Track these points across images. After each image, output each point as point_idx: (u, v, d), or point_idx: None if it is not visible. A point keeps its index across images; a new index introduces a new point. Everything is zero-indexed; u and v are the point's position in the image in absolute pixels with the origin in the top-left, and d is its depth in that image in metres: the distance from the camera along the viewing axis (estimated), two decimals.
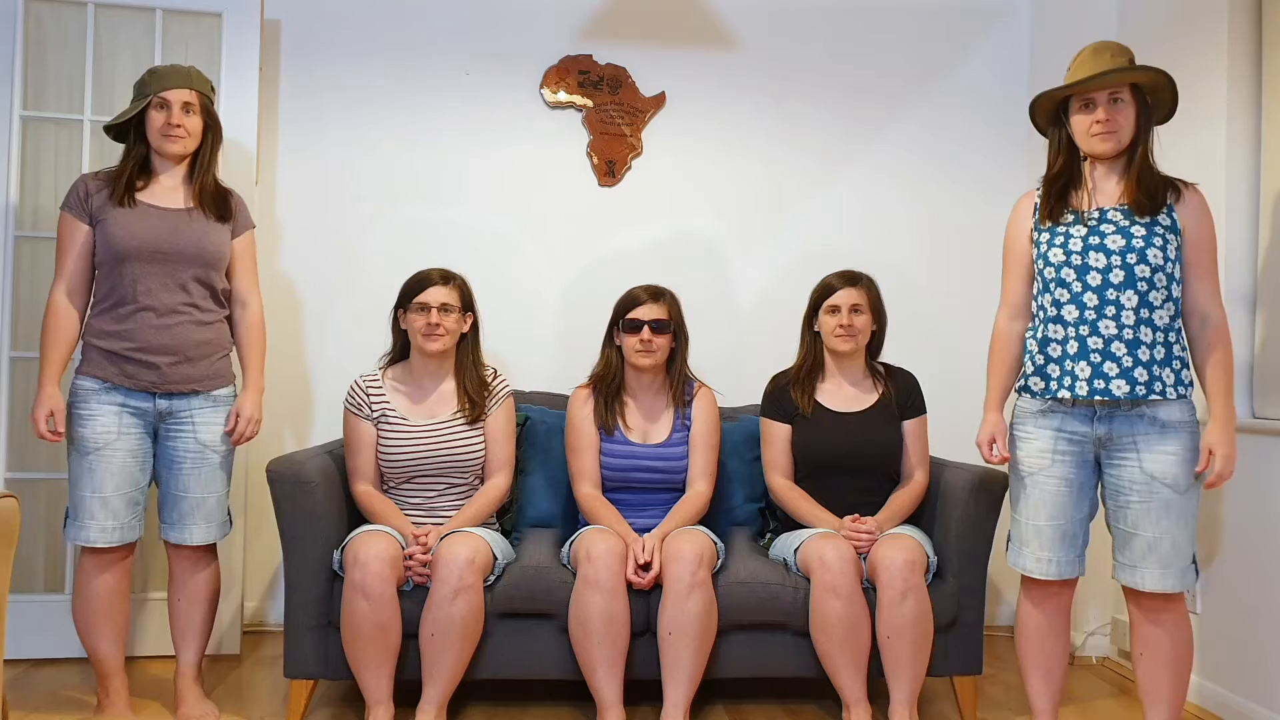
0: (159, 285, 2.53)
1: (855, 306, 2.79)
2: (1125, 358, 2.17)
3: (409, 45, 3.54)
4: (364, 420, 2.73)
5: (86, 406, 2.50)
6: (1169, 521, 2.17)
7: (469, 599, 2.44)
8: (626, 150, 3.59)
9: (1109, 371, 2.18)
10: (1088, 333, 2.20)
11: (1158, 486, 2.16)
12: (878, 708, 2.60)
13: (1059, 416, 2.27)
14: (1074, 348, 2.22)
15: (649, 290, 2.83)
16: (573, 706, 2.77)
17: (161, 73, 2.56)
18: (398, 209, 3.54)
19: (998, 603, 3.67)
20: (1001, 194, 3.73)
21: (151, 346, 2.52)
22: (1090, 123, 2.22)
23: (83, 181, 2.57)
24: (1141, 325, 2.17)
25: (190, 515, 2.60)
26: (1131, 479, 2.20)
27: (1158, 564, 2.18)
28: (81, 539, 2.50)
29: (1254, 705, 2.65)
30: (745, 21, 3.66)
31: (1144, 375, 2.16)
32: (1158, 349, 2.17)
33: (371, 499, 2.69)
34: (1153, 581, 2.18)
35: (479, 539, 2.53)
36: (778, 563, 2.72)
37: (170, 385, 2.54)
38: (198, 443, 2.60)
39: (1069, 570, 2.29)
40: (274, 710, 2.73)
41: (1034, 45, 3.72)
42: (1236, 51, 2.78)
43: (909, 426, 2.84)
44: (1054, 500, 2.27)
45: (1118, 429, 2.20)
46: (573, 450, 2.82)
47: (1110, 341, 2.18)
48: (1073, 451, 2.26)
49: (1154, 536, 2.18)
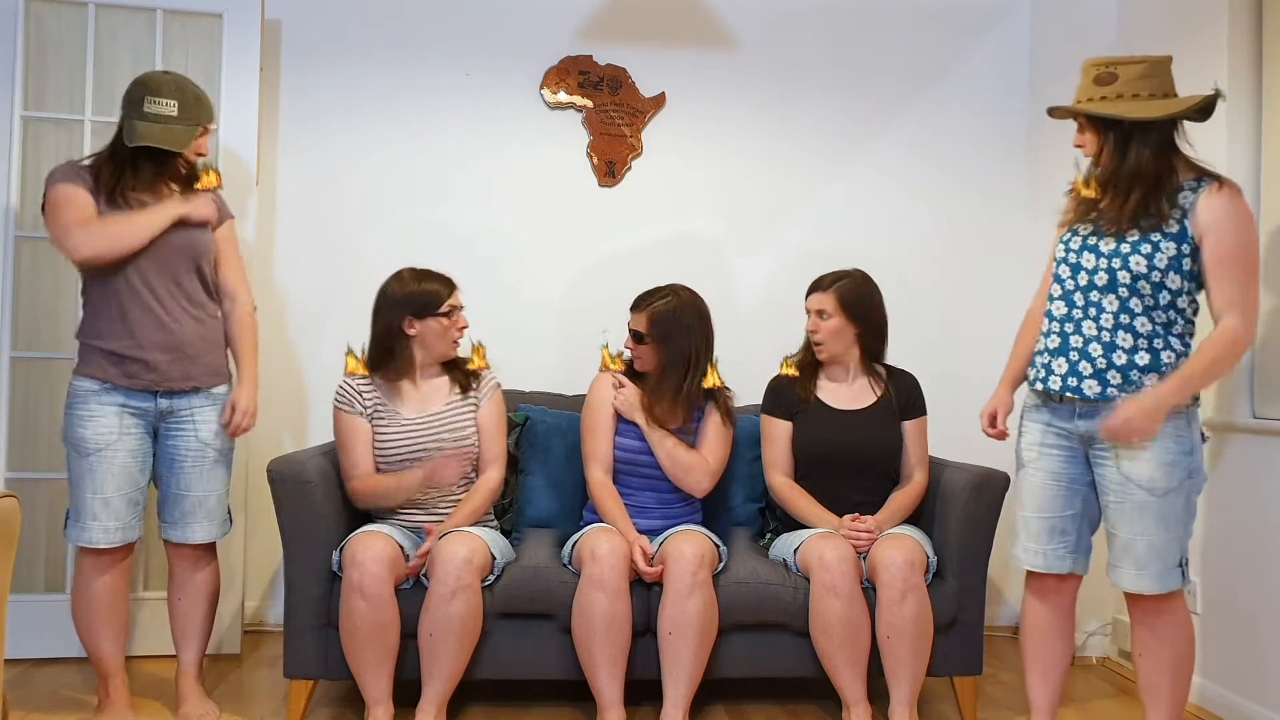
0: (156, 282, 2.52)
1: (820, 311, 2.80)
2: (1100, 359, 2.18)
3: (409, 46, 3.54)
4: (357, 416, 2.71)
5: (86, 407, 2.50)
6: (1144, 524, 2.16)
7: (467, 598, 2.44)
8: (626, 150, 3.59)
9: (1083, 370, 2.19)
10: (1071, 330, 2.23)
11: (1132, 488, 2.16)
12: (878, 708, 2.59)
13: (1048, 411, 2.29)
14: (1055, 343, 2.25)
15: (641, 296, 2.84)
16: (573, 706, 2.77)
17: (207, 101, 2.58)
18: (398, 209, 3.54)
19: (998, 603, 3.66)
20: (1001, 194, 3.73)
21: (151, 344, 2.51)
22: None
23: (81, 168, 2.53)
24: (1120, 330, 2.17)
25: (192, 514, 2.60)
26: (1110, 479, 2.20)
27: (1133, 565, 2.18)
28: (83, 540, 2.49)
29: (1254, 705, 2.64)
30: (745, 21, 3.66)
31: (1117, 378, 2.16)
32: (1139, 355, 2.16)
33: (371, 479, 2.68)
34: (1129, 582, 2.19)
35: (477, 538, 2.53)
36: (778, 563, 2.72)
37: (170, 383, 2.54)
38: (198, 441, 2.60)
39: (1057, 564, 2.29)
40: (274, 710, 2.73)
41: (1034, 45, 3.72)
42: (1236, 51, 2.78)
43: (909, 427, 2.84)
44: (1040, 493, 2.29)
45: (1097, 427, 2.20)
46: (589, 430, 2.81)
47: (1089, 341, 2.20)
48: (1061, 446, 2.27)
49: (1128, 538, 2.18)
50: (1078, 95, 2.23)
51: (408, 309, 2.71)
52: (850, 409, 2.82)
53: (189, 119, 2.53)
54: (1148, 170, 2.15)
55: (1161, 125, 2.16)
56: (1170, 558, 2.17)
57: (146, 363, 2.51)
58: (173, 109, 2.50)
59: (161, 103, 2.49)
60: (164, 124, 2.49)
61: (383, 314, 2.73)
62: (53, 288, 3.13)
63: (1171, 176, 2.17)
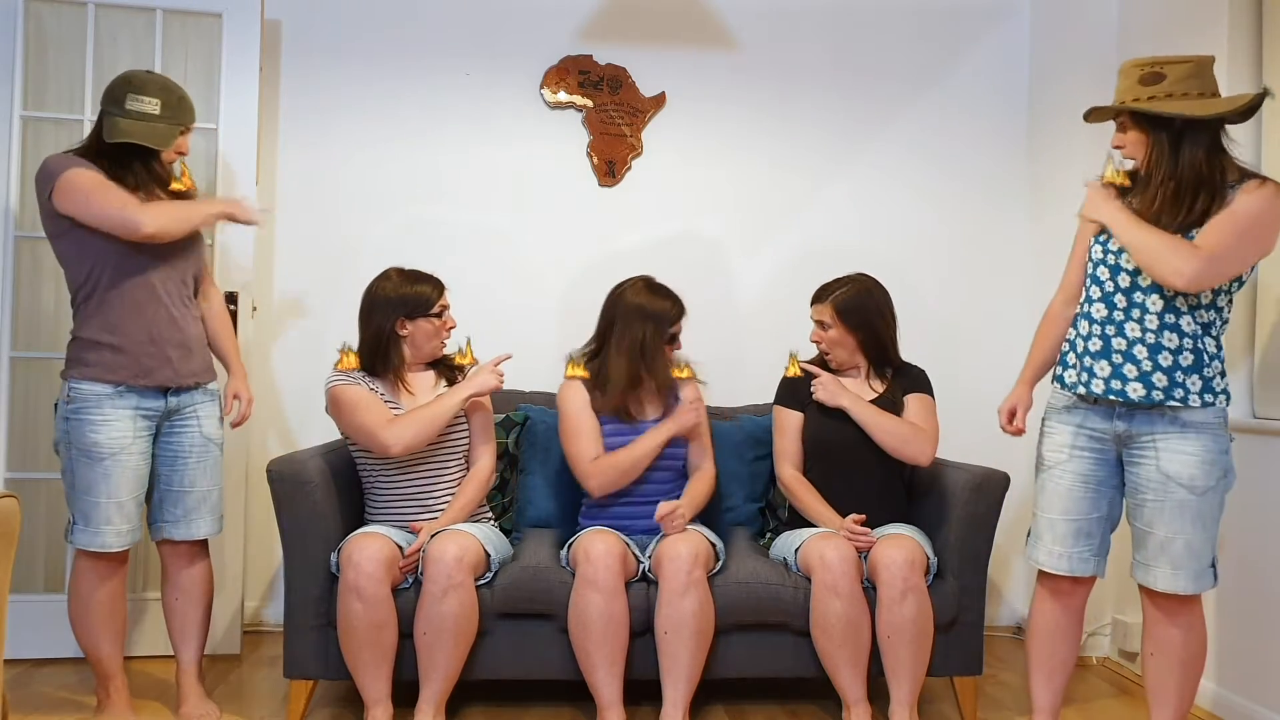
0: (169, 280, 2.54)
1: (821, 322, 2.82)
2: (1145, 361, 2.15)
3: (409, 45, 3.54)
4: (359, 385, 2.66)
5: (100, 412, 2.46)
6: (1182, 523, 2.15)
7: (459, 597, 2.44)
8: (626, 150, 3.59)
9: (1128, 374, 2.16)
10: (1113, 333, 2.19)
11: (1173, 487, 2.14)
12: (878, 708, 2.59)
13: (1081, 413, 2.26)
14: (1096, 345, 2.21)
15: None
16: (573, 706, 2.77)
17: (189, 101, 2.57)
18: (397, 209, 3.54)
19: (998, 603, 3.66)
20: (1001, 193, 3.73)
21: (165, 340, 2.52)
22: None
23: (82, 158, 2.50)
24: (1165, 330, 2.14)
25: (196, 509, 2.62)
26: (1148, 477, 2.18)
27: (1169, 564, 2.16)
28: (97, 545, 2.48)
29: (1254, 705, 2.64)
30: (745, 21, 3.66)
31: (1163, 380, 2.13)
32: (1183, 355, 2.14)
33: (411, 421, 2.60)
34: (1164, 581, 2.17)
35: (468, 536, 2.53)
36: (778, 563, 2.72)
37: (181, 379, 2.55)
38: (202, 436, 2.62)
39: (1081, 567, 2.27)
40: (274, 710, 2.73)
41: (1034, 45, 3.72)
42: (1236, 51, 2.78)
43: (911, 400, 2.83)
44: (1069, 495, 2.26)
45: (1138, 426, 2.18)
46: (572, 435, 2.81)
47: (1134, 344, 2.16)
48: (1093, 449, 2.25)
49: (1166, 536, 2.16)
50: (1120, 95, 2.18)
51: (400, 310, 2.70)
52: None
53: (171, 118, 2.51)
54: (1203, 173, 2.10)
55: (1211, 125, 2.12)
56: (1205, 558, 2.17)
57: (162, 358, 2.51)
58: (155, 107, 2.48)
59: (144, 100, 2.47)
60: (147, 122, 2.47)
61: (375, 315, 2.71)
62: (53, 288, 3.13)
63: (1224, 177, 2.12)
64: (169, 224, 2.43)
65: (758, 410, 3.31)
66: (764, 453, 3.12)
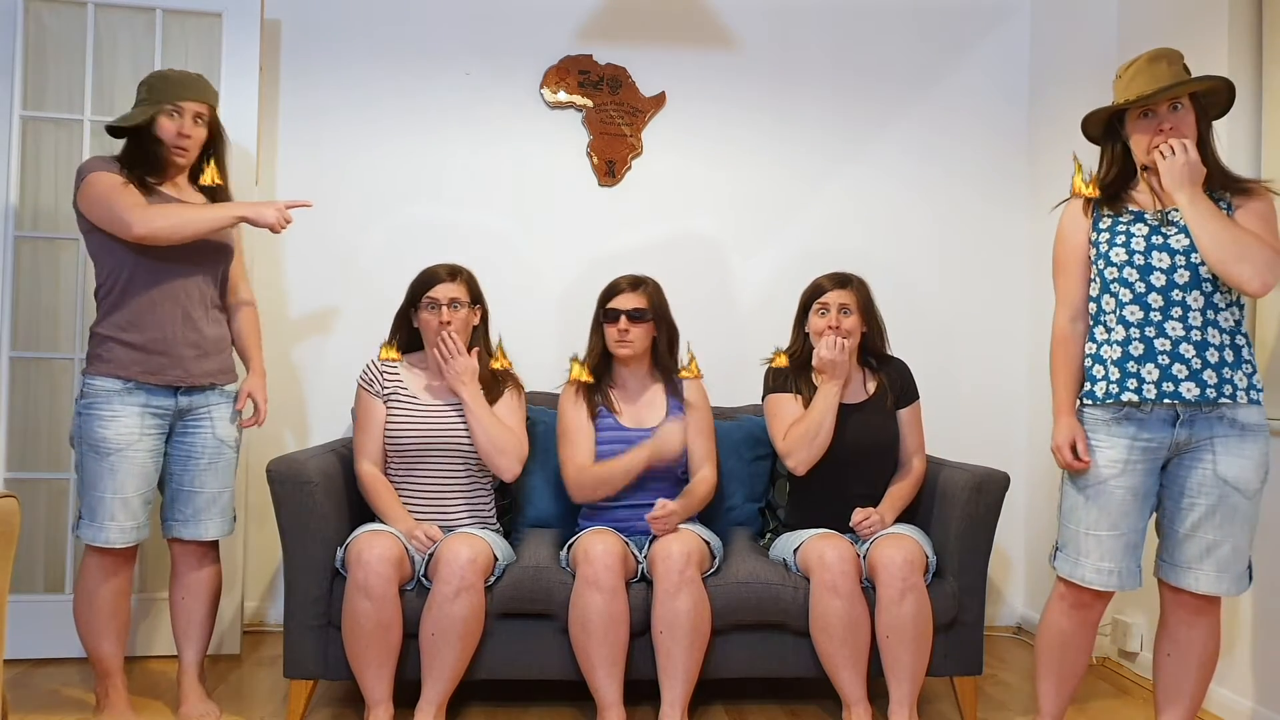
0: (190, 280, 2.55)
1: (844, 307, 2.81)
2: (1194, 359, 2.12)
3: (409, 45, 3.54)
4: (374, 397, 2.74)
5: (109, 407, 2.48)
6: (1233, 526, 2.13)
7: (470, 599, 2.44)
8: (626, 150, 3.59)
9: (1178, 374, 2.12)
10: (1154, 334, 2.15)
11: (1229, 490, 2.12)
12: (878, 708, 2.59)
13: (1134, 424, 2.17)
14: (1138, 349, 2.16)
15: (629, 279, 2.87)
16: (573, 706, 2.77)
17: (175, 80, 2.56)
18: (397, 209, 3.54)
19: (998, 603, 3.67)
20: (1001, 193, 3.73)
21: (178, 340, 2.52)
22: (1154, 131, 2.16)
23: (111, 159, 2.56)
24: (1209, 326, 2.13)
25: (205, 510, 2.62)
26: (1201, 481, 2.14)
27: (1215, 567, 2.14)
28: (100, 540, 2.49)
29: (1254, 706, 2.64)
30: (745, 21, 3.66)
31: (1214, 378, 2.11)
32: (1226, 351, 2.12)
33: (375, 481, 2.69)
34: (1207, 584, 2.14)
35: (481, 539, 2.54)
36: (778, 563, 2.72)
37: (193, 379, 2.56)
38: (215, 438, 2.62)
39: (1130, 582, 2.20)
40: (274, 710, 2.73)
41: (1034, 45, 3.72)
42: (1236, 51, 2.78)
43: (904, 415, 2.84)
44: (1118, 509, 2.18)
45: (1198, 432, 2.14)
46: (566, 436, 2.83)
47: (1178, 343, 2.13)
48: (1145, 460, 2.18)
49: (1214, 539, 2.13)
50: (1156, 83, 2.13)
51: (410, 299, 2.79)
52: (848, 403, 2.82)
53: (148, 99, 2.55)
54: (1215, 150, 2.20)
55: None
56: (1245, 560, 2.16)
57: (173, 357, 2.52)
58: (143, 93, 2.57)
59: (139, 93, 2.58)
60: (134, 109, 2.56)
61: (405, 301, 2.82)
62: (53, 288, 3.13)
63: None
64: (165, 228, 2.42)
65: (758, 410, 3.31)
66: (764, 453, 3.12)
